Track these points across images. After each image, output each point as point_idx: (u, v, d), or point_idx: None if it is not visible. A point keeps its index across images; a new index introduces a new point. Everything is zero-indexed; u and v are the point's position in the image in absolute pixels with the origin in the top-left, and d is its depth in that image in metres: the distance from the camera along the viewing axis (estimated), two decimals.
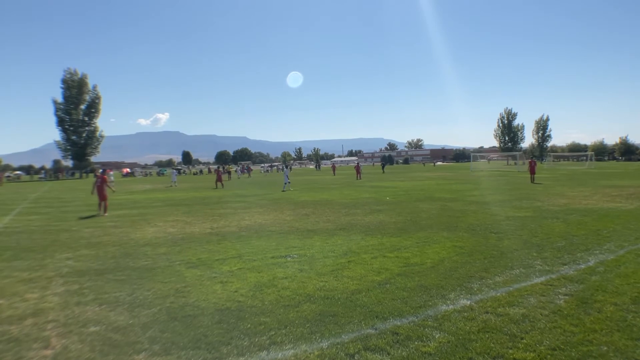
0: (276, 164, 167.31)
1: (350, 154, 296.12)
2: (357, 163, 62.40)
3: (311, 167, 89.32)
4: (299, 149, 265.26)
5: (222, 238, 13.01)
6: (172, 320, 6.32)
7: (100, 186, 20.77)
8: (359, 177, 49.61)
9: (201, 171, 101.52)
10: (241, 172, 73.63)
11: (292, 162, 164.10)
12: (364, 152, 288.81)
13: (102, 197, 20.72)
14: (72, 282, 8.64)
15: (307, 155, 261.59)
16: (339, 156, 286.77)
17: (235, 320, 6.22)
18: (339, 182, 44.31)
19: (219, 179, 41.79)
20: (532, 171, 35.96)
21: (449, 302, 6.74)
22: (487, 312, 6.24)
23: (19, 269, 9.91)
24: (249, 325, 6.02)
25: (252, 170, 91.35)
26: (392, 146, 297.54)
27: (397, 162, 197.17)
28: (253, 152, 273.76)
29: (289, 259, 10.01)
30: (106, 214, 20.10)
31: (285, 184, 34.88)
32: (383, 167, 71.46)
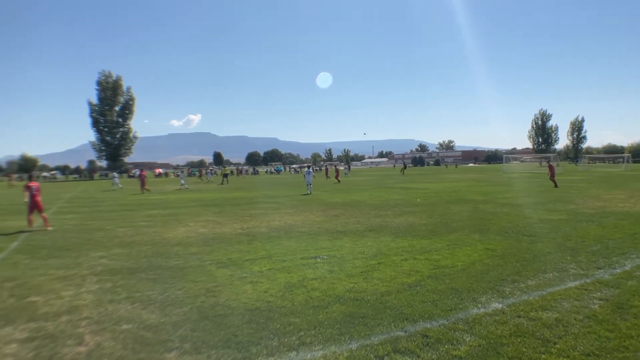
0: (306, 165, 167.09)
1: (381, 155, 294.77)
2: (333, 165, 61.28)
3: (341, 168, 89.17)
4: (329, 149, 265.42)
5: (253, 238, 13.09)
6: (202, 319, 6.39)
7: (36, 195, 17.29)
8: (337, 180, 47.48)
9: (232, 172, 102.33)
10: (211, 174, 70.44)
11: (322, 163, 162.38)
12: (395, 153, 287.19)
13: (40, 208, 17.25)
14: (106, 280, 8.81)
15: (337, 156, 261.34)
16: (369, 157, 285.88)
17: (264, 321, 6.25)
18: (369, 183, 44.17)
19: (142, 185, 40.12)
20: (552, 175, 33.57)
21: (480, 305, 6.66)
22: (519, 316, 6.15)
23: (55, 266, 10.15)
24: (278, 326, 6.05)
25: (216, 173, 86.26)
26: (422, 147, 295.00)
27: (427, 164, 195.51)
28: (283, 152, 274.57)
29: (318, 260, 10.01)
30: (50, 228, 16.65)
31: (308, 185, 32.20)
32: (403, 169, 69.61)
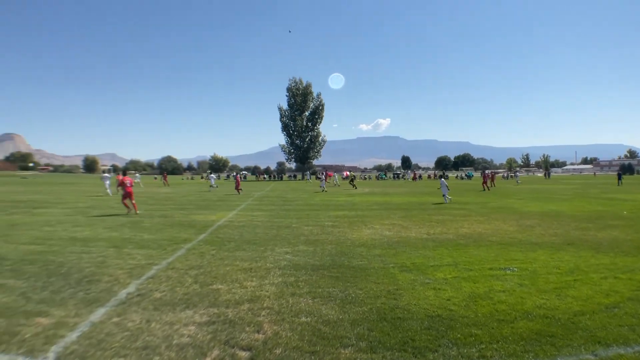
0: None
1: (585, 161, 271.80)
2: (487, 172, 58.32)
3: (539, 174, 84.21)
4: (526, 155, 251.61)
5: (438, 244, 12.94)
6: (381, 320, 6.50)
7: (129, 187, 21.68)
8: (486, 188, 45.74)
9: (420, 176, 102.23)
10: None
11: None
12: (600, 159, 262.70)
13: (132, 197, 21.69)
14: (289, 274, 9.32)
15: (535, 162, 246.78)
16: (571, 163, 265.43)
17: (444, 329, 6.18)
18: (570, 192, 41.08)
19: (237, 186, 42.40)
20: None
21: None
22: None
23: (241, 258, 10.99)
24: (458, 335, 5.94)
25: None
26: (632, 153, 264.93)
27: (638, 172, 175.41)
28: (475, 157, 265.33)
29: (508, 271, 9.57)
30: (138, 212, 21.71)
31: (444, 195, 30.46)
32: (619, 178, 62.32)
